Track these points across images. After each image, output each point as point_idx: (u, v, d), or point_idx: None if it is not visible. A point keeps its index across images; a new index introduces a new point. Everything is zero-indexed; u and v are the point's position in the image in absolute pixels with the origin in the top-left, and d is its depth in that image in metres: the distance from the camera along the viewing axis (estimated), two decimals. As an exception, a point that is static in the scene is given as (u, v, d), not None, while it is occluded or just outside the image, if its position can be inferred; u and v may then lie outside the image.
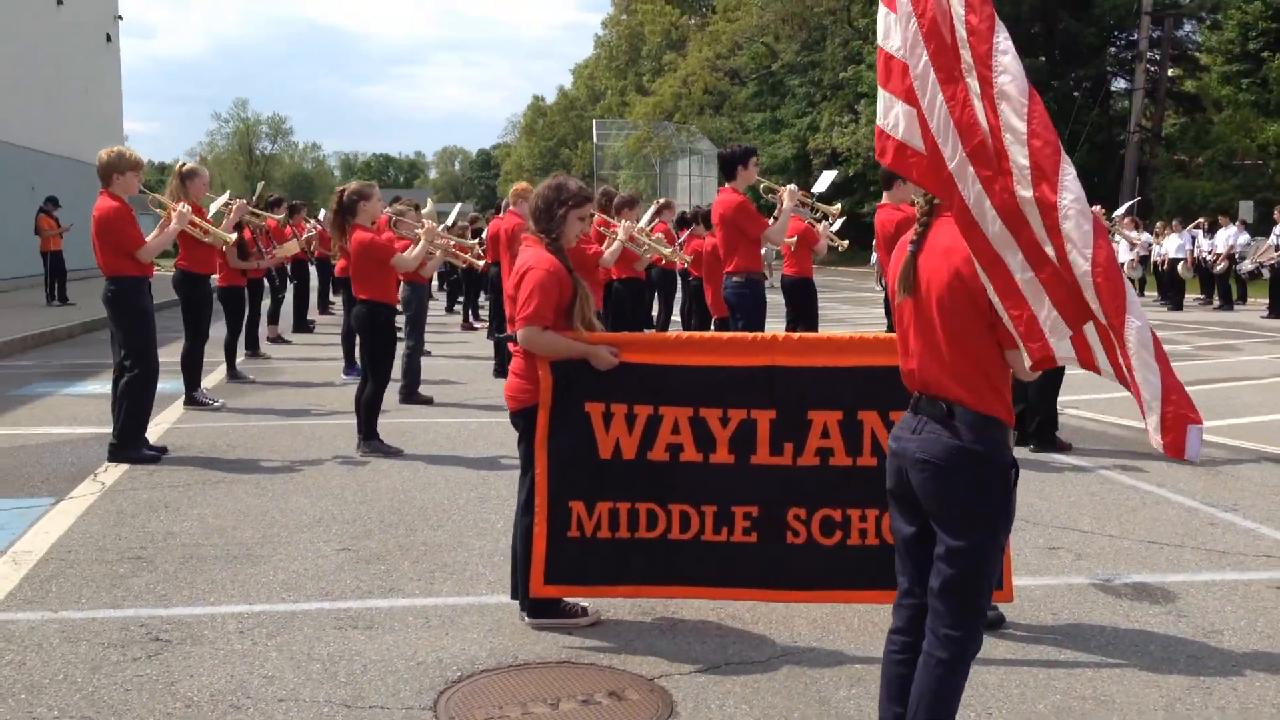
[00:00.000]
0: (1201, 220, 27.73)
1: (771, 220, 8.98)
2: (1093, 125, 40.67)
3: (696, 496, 5.03)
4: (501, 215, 13.22)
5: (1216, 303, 26.15)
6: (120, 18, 42.23)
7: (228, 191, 10.25)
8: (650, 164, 62.71)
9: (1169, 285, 26.62)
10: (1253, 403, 11.79)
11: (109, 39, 40.33)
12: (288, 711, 4.30)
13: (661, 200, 14.28)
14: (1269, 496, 7.69)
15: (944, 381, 3.44)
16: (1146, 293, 29.13)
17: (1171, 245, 26.29)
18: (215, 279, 12.84)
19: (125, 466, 8.18)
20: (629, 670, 4.76)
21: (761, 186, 9.77)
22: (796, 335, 5.16)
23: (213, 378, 12.83)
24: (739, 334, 5.29)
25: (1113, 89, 44.55)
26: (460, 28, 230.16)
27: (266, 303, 17.42)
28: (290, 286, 19.39)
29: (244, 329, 15.15)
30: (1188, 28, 44.59)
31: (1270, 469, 8.56)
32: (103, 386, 12.12)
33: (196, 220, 9.57)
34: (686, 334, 5.20)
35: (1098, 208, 9.16)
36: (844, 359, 4.98)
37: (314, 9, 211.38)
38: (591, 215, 5.50)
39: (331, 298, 23.84)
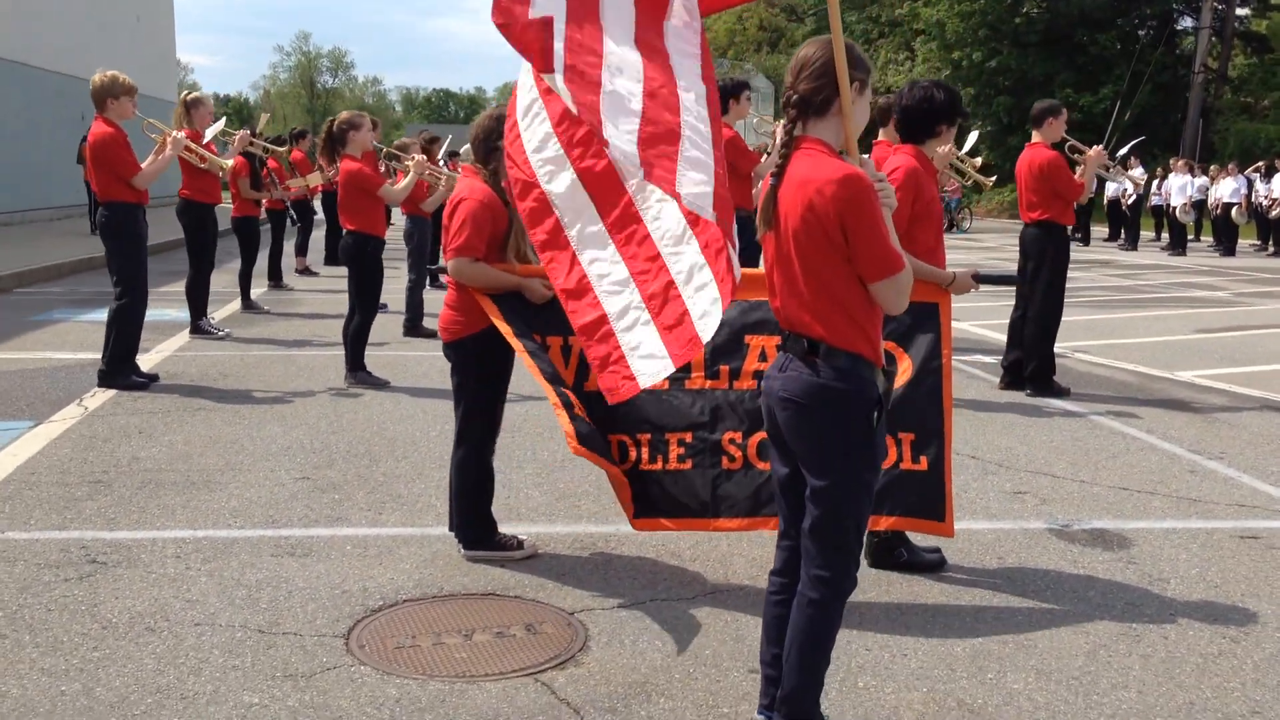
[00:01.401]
0: (1260, 164, 26.98)
1: (764, 157, 8.83)
2: (1157, 65, 39.47)
3: (632, 425, 4.96)
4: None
5: (1271, 249, 25.49)
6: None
7: (223, 119, 10.23)
8: (706, 101, 62.04)
9: (1222, 230, 25.96)
10: (1274, 351, 11.50)
11: (162, -29, 40.47)
12: (200, 634, 4.34)
13: None
14: (1260, 445, 7.50)
15: (804, 318, 3.37)
16: (1203, 238, 28.47)
17: (1226, 189, 25.60)
18: (230, 209, 12.97)
19: (112, 392, 8.29)
20: (552, 604, 4.75)
21: (755, 121, 9.62)
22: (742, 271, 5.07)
23: (230, 308, 12.96)
24: None
25: (1179, 28, 43.22)
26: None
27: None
28: (325, 219, 19.43)
29: (268, 260, 15.32)
30: (1260, -36, 43.11)
31: (1270, 418, 8.35)
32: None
33: (192, 146, 9.62)
34: (622, 267, 5.13)
35: (1098, 148, 8.94)
36: None
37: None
38: None
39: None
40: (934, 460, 4.85)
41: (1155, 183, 28.27)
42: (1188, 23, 43.09)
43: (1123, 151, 14.26)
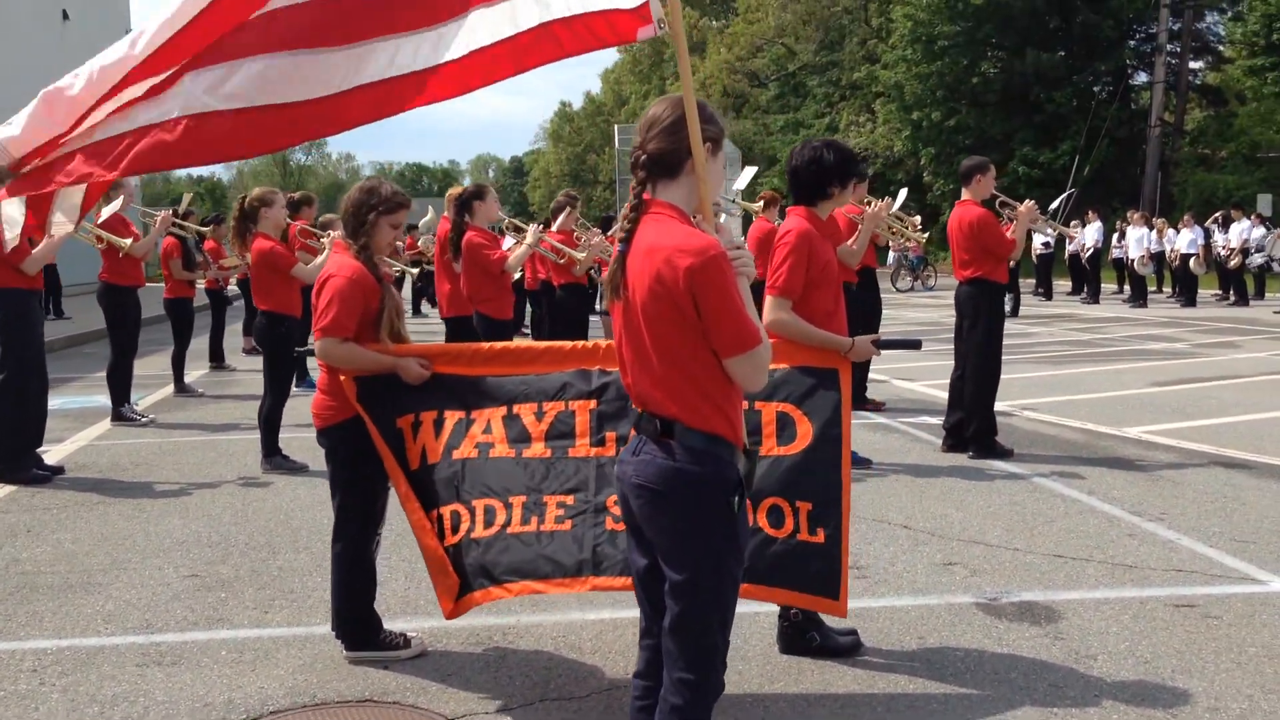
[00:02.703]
0: (1217, 215, 27.00)
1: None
2: (1114, 120, 39.84)
3: (507, 489, 4.55)
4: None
5: (1232, 298, 25.44)
6: (130, 31, 42.25)
7: (121, 198, 9.87)
8: (673, 168, 62.17)
9: (1182, 281, 25.90)
10: (1228, 402, 11.28)
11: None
12: (37, 760, 3.98)
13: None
14: (1202, 504, 7.22)
15: (656, 395, 3.08)
16: (1164, 289, 28.42)
17: (1183, 241, 25.57)
18: (163, 291, 12.70)
19: (12, 488, 7.90)
20: (432, 709, 4.40)
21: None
22: (620, 343, 4.79)
23: (163, 392, 12.61)
24: (557, 344, 4.88)
25: (1134, 83, 43.61)
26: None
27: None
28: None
29: (210, 341, 15.04)
30: (1210, 19, 43.64)
31: (1214, 474, 8.08)
32: (53, 402, 11.91)
33: (88, 227, 9.35)
34: (502, 345, 4.85)
35: (1029, 203, 8.75)
36: None
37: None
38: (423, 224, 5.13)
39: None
40: (831, 533, 4.49)
41: (1115, 236, 28.32)
42: (1143, 78, 43.53)
43: (1054, 205, 14.12)
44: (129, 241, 9.78)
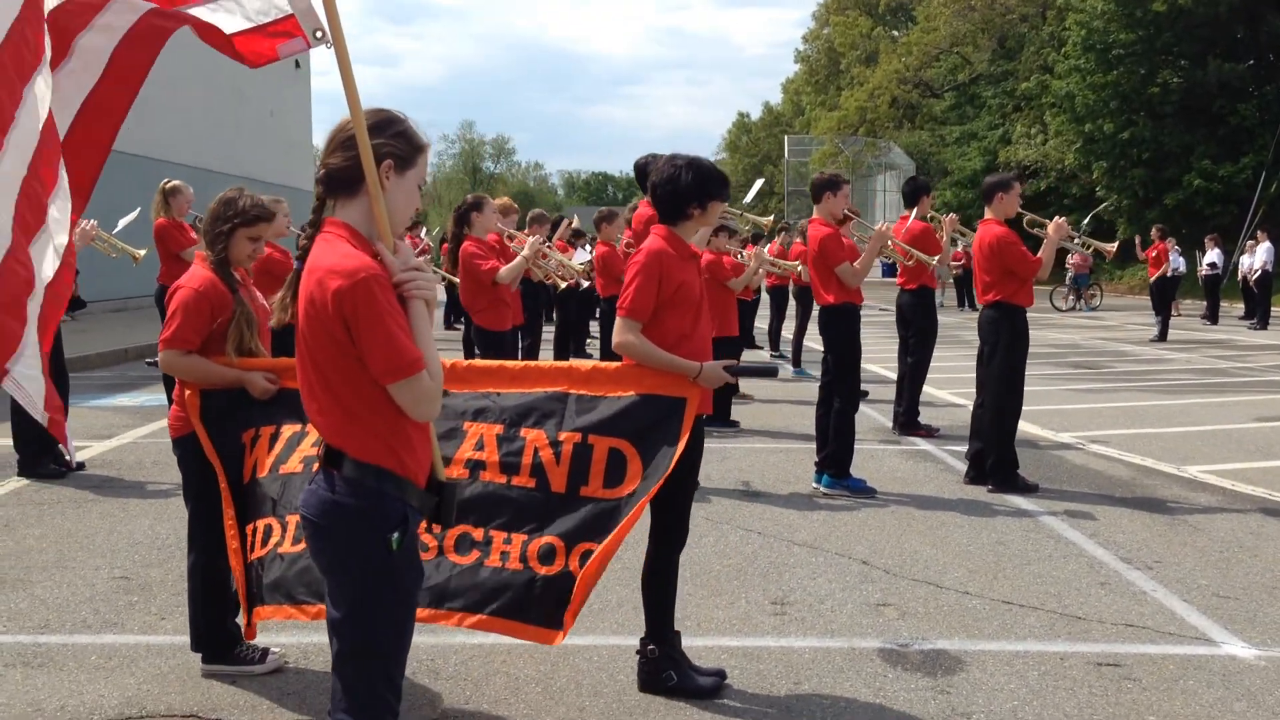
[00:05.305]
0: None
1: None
2: (1304, 133, 37.49)
3: None
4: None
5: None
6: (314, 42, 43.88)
7: (138, 209, 10.23)
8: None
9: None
10: (1320, 441, 10.40)
11: (298, 65, 41.97)
12: None
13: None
14: (1210, 554, 6.64)
15: (320, 423, 2.96)
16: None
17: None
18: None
19: (25, 482, 8.20)
20: (253, 728, 4.35)
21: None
22: (465, 363, 4.64)
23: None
24: None
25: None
26: (684, 47, 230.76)
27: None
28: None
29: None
30: None
31: (1245, 521, 7.42)
32: (131, 399, 12.45)
33: (105, 236, 9.76)
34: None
35: (1058, 220, 8.24)
36: (517, 384, 4.47)
37: (545, 34, 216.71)
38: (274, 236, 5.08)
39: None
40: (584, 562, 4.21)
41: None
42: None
43: (1085, 222, 13.29)
44: (143, 252, 10.12)
